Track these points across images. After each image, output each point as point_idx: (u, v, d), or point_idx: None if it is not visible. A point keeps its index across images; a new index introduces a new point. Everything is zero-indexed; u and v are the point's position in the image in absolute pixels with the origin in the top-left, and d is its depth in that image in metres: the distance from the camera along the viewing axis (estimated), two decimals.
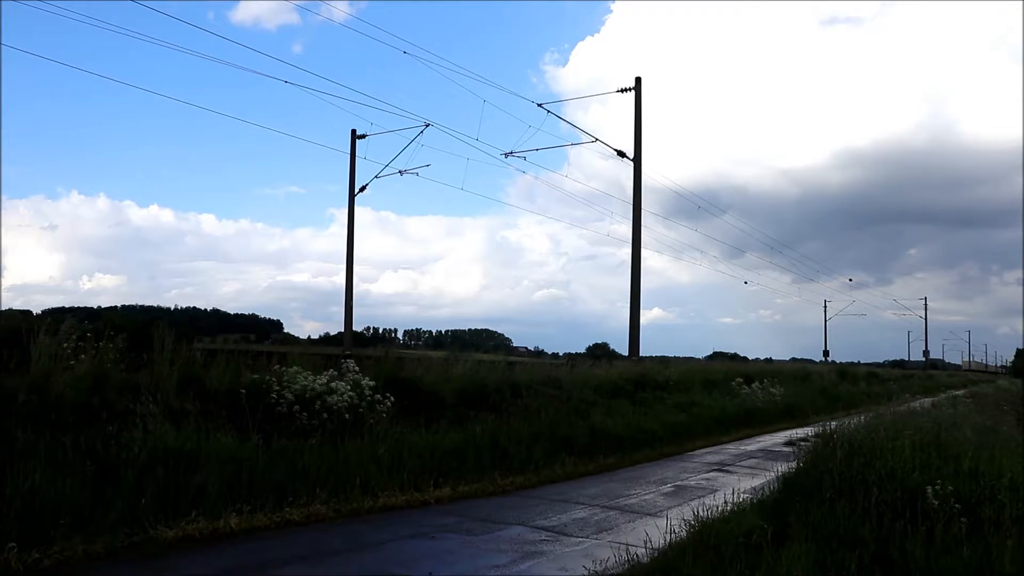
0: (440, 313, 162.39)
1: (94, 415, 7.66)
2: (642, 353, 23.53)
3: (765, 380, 23.49)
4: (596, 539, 7.38)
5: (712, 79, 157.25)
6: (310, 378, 9.82)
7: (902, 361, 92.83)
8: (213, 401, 8.90)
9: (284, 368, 9.88)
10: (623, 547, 6.50)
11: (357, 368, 10.76)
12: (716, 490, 9.98)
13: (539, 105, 23.35)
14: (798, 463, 8.24)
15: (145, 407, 7.98)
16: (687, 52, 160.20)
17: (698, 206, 46.50)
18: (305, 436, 9.03)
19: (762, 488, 8.43)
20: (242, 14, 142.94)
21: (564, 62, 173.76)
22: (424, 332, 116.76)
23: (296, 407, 9.29)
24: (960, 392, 25.11)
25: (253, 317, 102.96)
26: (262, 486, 7.73)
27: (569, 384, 15.55)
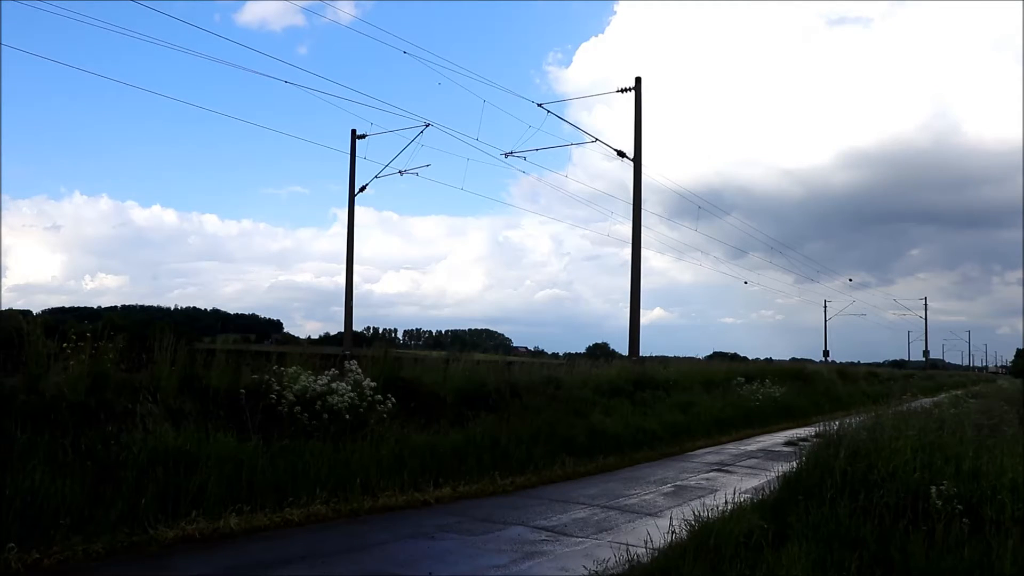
0: (442, 313, 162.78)
1: (93, 415, 7.65)
2: (643, 353, 23.49)
3: (765, 380, 23.48)
4: (596, 539, 7.37)
5: (718, 79, 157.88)
6: (311, 378, 9.81)
7: (902, 361, 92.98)
8: (213, 401, 8.88)
9: (284, 368, 9.87)
10: (623, 547, 6.50)
11: (359, 368, 10.74)
12: (716, 490, 9.98)
13: (539, 105, 23.30)
14: (798, 463, 8.23)
15: (145, 407, 7.97)
16: (693, 52, 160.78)
17: (699, 207, 46.44)
18: (305, 436, 9.01)
19: (762, 488, 8.42)
20: (248, 16, 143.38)
21: (567, 63, 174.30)
22: (424, 332, 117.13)
23: (297, 407, 9.27)
24: (960, 392, 25.07)
25: (253, 317, 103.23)
26: (262, 486, 7.72)
27: (569, 384, 15.56)
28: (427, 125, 24.66)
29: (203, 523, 6.85)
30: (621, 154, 23.89)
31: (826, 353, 64.19)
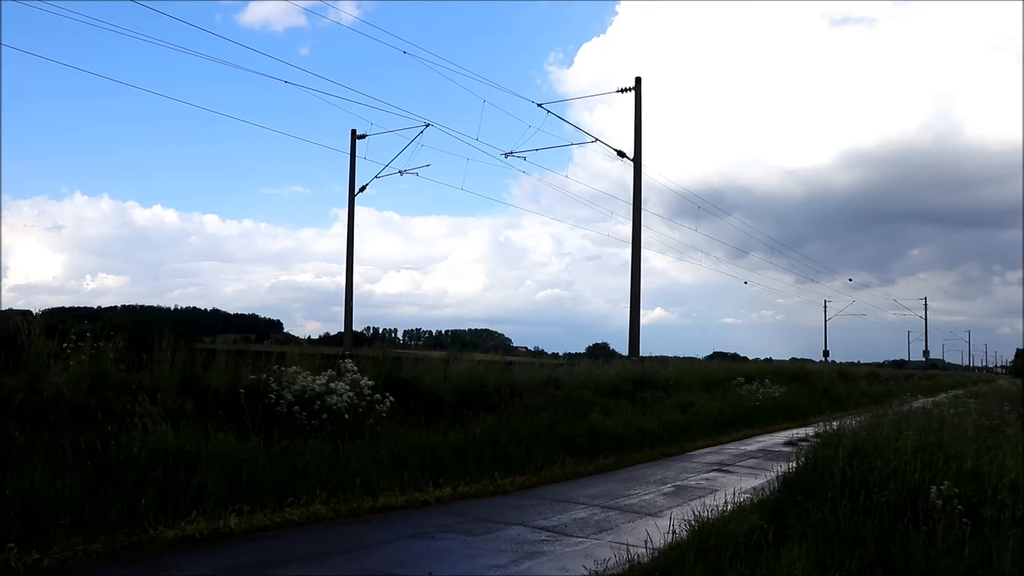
0: (443, 313, 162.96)
1: (93, 415, 7.65)
2: (643, 353, 23.43)
3: (765, 380, 23.48)
4: (596, 539, 7.37)
5: (719, 79, 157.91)
6: (309, 378, 9.80)
7: (902, 361, 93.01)
8: (213, 401, 8.89)
9: (283, 368, 9.87)
10: (623, 547, 6.50)
11: (355, 368, 10.74)
12: (716, 490, 9.98)
13: (539, 105, 23.24)
14: (798, 463, 8.24)
15: (144, 407, 7.97)
16: (695, 52, 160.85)
17: (698, 207, 46.44)
18: (305, 436, 9.02)
19: (762, 488, 8.42)
20: (250, 16, 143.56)
21: (569, 63, 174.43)
22: (424, 332, 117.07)
23: (296, 407, 9.27)
24: (960, 392, 25.08)
25: (253, 317, 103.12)
26: (262, 486, 7.72)
27: (569, 384, 15.55)
28: (427, 125, 24.65)
29: (203, 523, 6.84)
30: (621, 154, 23.87)
31: (826, 353, 64.20)
